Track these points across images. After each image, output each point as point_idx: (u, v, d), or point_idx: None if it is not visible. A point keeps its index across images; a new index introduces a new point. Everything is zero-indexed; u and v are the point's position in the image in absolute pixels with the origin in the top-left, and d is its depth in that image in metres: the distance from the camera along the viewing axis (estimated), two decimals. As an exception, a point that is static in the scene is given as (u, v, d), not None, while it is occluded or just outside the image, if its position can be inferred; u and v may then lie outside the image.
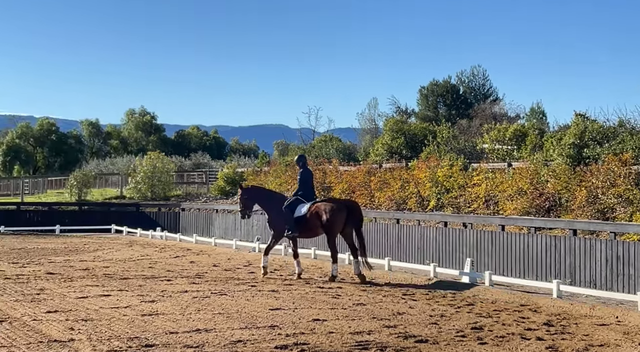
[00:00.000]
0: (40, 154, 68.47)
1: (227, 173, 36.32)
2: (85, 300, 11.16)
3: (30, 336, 8.31)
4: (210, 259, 19.03)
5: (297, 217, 14.80)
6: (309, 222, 14.67)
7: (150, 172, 37.59)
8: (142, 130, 72.13)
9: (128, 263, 17.47)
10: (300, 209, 14.82)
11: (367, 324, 9.47)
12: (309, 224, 14.69)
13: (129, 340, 8.15)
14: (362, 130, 50.98)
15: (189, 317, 9.76)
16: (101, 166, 53.64)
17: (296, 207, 14.92)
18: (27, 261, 17.52)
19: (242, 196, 15.63)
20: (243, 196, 15.62)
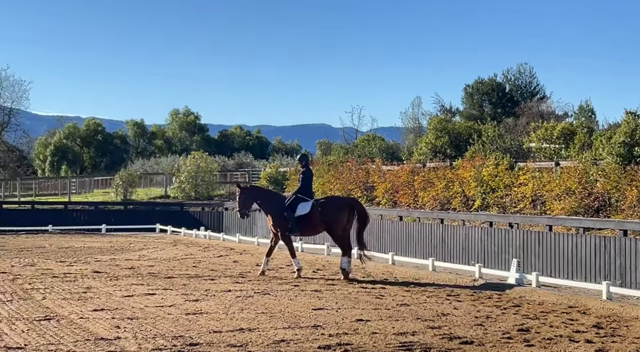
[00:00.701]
0: (86, 154, 69.83)
1: (269, 173, 36.53)
2: (131, 298, 11.35)
3: (77, 333, 8.48)
4: (253, 258, 19.16)
5: (298, 215, 14.96)
6: (312, 221, 14.93)
7: (194, 171, 38.02)
8: (186, 130, 73.02)
9: (172, 262, 17.70)
10: (303, 208, 14.97)
11: (411, 325, 9.42)
12: (312, 222, 14.96)
13: (174, 338, 8.26)
14: (405, 129, 50.76)
15: (233, 316, 9.84)
16: (146, 166, 54.46)
17: (297, 206, 15.04)
18: (74, 260, 17.89)
19: (240, 196, 15.67)
20: (242, 195, 15.65)
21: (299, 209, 14.98)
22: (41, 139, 71.31)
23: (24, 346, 7.74)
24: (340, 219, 14.88)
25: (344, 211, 14.95)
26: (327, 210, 14.90)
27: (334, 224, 14.88)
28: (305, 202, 15.06)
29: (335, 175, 28.01)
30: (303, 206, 15.00)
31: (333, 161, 31.47)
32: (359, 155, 32.80)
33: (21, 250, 20.71)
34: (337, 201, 15.65)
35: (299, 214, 14.96)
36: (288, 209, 15.06)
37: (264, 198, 15.70)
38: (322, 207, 14.93)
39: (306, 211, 14.94)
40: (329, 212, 14.89)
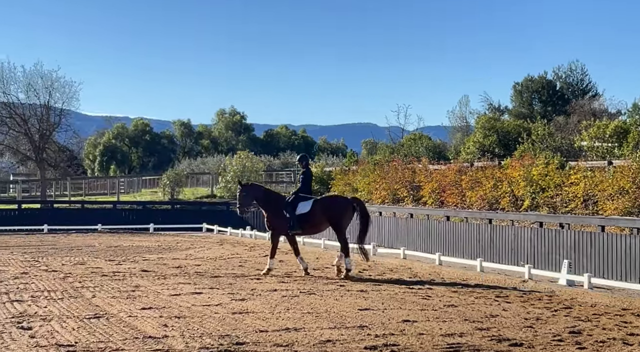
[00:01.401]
0: (134, 154, 71.03)
1: (315, 172, 36.49)
2: (178, 297, 11.50)
3: (126, 332, 8.63)
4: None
5: (299, 214, 15.13)
6: (314, 219, 15.15)
7: (240, 171, 38.35)
8: (232, 130, 73.69)
9: (219, 261, 17.88)
10: (304, 206, 15.16)
11: (458, 326, 9.33)
12: (313, 220, 15.18)
13: (220, 337, 8.34)
14: (452, 128, 50.36)
15: (279, 315, 9.89)
16: (192, 166, 55.13)
17: (298, 205, 15.21)
18: (123, 259, 18.22)
19: (241, 193, 15.78)
20: (242, 192, 15.76)
21: (300, 207, 15.20)
22: (91, 139, 72.82)
23: (74, 343, 7.91)
24: (343, 217, 15.19)
25: (346, 209, 15.25)
26: (329, 208, 15.19)
27: (338, 222, 15.15)
28: (305, 201, 15.29)
29: (381, 174, 27.90)
30: (303, 204, 15.22)
31: (379, 161, 31.37)
32: (405, 155, 32.64)
33: (71, 249, 21.19)
34: (338, 200, 16.04)
35: (299, 213, 15.16)
36: (289, 208, 15.25)
37: (263, 197, 15.83)
38: (323, 205, 15.22)
39: (307, 209, 15.16)
40: (332, 210, 15.16)
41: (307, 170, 15.86)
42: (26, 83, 48.90)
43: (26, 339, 8.09)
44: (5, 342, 7.88)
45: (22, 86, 49.12)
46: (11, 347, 7.68)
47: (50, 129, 49.92)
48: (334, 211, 15.18)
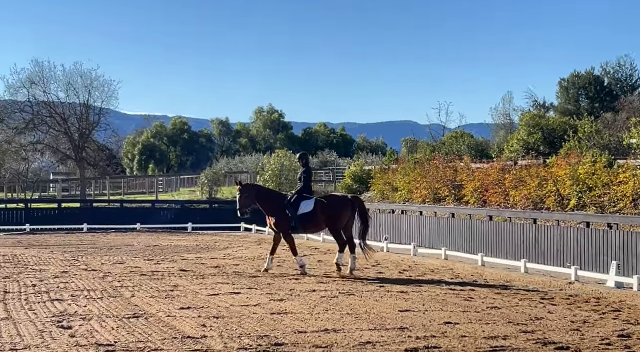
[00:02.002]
0: (173, 153, 71.86)
1: (354, 171, 36.56)
2: (217, 297, 11.60)
3: (165, 332, 8.73)
4: (338, 258, 19.20)
5: (302, 214, 15.26)
6: (316, 218, 15.32)
7: (278, 170, 38.48)
8: (270, 129, 74.04)
9: (257, 261, 17.98)
10: (306, 206, 15.30)
11: (502, 329, 9.23)
12: (315, 219, 15.35)
13: (259, 338, 8.38)
14: (495, 125, 49.87)
15: (318, 317, 9.91)
16: (231, 165, 55.55)
17: (300, 204, 15.33)
18: (162, 258, 18.44)
19: (241, 194, 15.78)
20: (243, 193, 15.78)
21: (302, 207, 15.33)
22: (130, 138, 73.90)
23: (114, 343, 8.04)
24: (343, 216, 15.43)
25: (347, 208, 15.48)
26: (331, 208, 15.36)
27: (337, 221, 15.38)
28: (307, 200, 15.42)
29: (422, 173, 27.75)
30: (306, 204, 15.36)
31: (419, 159, 31.21)
32: (446, 153, 32.42)
33: (111, 248, 21.53)
34: (340, 199, 16.14)
35: (302, 212, 15.29)
36: (291, 208, 15.34)
37: (264, 197, 15.89)
38: (325, 205, 15.37)
39: (310, 208, 15.30)
40: (333, 209, 15.35)
41: (307, 169, 15.99)
42: (66, 82, 49.87)
43: (66, 338, 8.25)
44: (45, 342, 8.04)
45: (62, 85, 50.11)
46: (52, 346, 7.84)
47: (89, 128, 50.79)
48: (333, 210, 15.38)
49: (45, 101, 50.06)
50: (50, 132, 51.09)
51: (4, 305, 10.55)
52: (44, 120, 50.23)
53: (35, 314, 9.83)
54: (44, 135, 51.71)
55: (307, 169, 15.96)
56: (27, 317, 9.54)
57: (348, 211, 15.51)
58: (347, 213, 15.53)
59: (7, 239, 25.82)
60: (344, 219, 15.50)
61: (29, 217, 31.75)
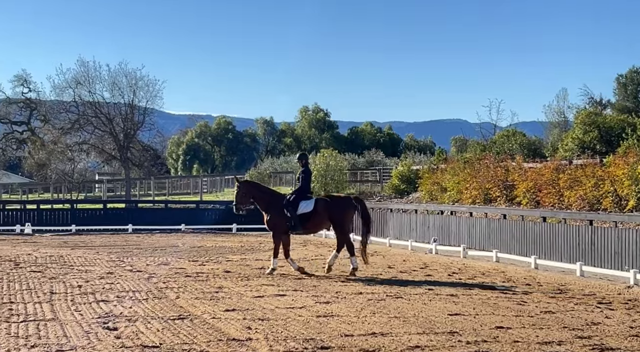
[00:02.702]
0: (217, 153, 72.59)
1: (401, 171, 36.41)
2: (261, 299, 11.66)
3: (210, 333, 8.81)
4: (384, 260, 19.17)
5: (301, 213, 15.41)
6: (316, 218, 15.48)
7: (324, 170, 38.54)
8: (315, 128, 74.20)
9: (302, 263, 17.99)
10: (305, 206, 15.45)
11: (556, 334, 9.08)
12: (315, 219, 15.51)
13: (305, 341, 8.40)
14: (549, 123, 49.11)
15: (364, 320, 9.88)
16: (275, 164, 55.84)
17: (299, 204, 15.47)
18: (206, 259, 18.63)
19: (239, 191, 15.84)
20: (240, 190, 15.83)
21: (302, 206, 15.47)
22: (174, 138, 74.91)
23: (159, 344, 8.14)
24: (347, 217, 15.75)
25: (350, 209, 15.75)
26: (333, 208, 15.55)
27: (342, 222, 15.59)
28: (306, 200, 15.59)
29: (472, 173, 27.49)
30: (305, 203, 15.51)
31: (469, 158, 30.92)
32: (497, 152, 32.04)
33: (155, 249, 21.83)
34: (342, 200, 16.31)
35: (301, 212, 15.43)
36: (290, 207, 15.44)
37: (261, 195, 15.97)
38: (327, 205, 15.57)
39: (309, 208, 15.45)
40: (335, 210, 15.53)
41: (306, 168, 16.16)
42: (111, 82, 50.85)
43: (112, 339, 8.39)
44: (91, 343, 8.19)
45: (107, 85, 51.11)
46: (97, 347, 7.98)
47: (134, 128, 51.66)
48: (336, 210, 15.56)
49: (90, 101, 51.10)
50: (96, 132, 52.11)
51: (50, 305, 10.78)
52: (89, 120, 51.26)
53: (81, 314, 10.02)
54: (89, 135, 52.78)
55: (306, 169, 16.16)
56: (73, 318, 9.73)
57: (352, 210, 15.83)
58: (352, 213, 15.88)
59: (53, 240, 26.40)
60: (349, 218, 15.87)
61: (74, 217, 32.41)
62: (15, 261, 17.68)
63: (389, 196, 36.17)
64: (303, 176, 15.97)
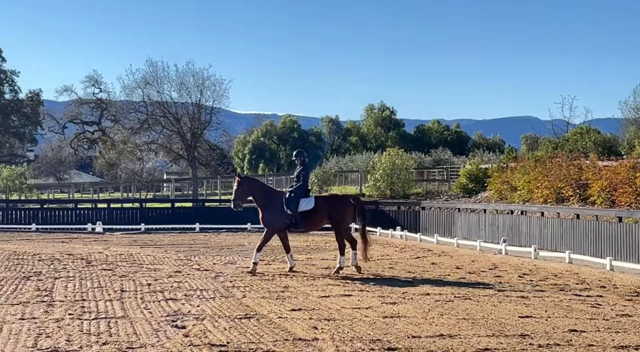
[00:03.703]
0: (283, 152, 73.07)
1: (469, 170, 35.95)
2: (327, 299, 11.70)
3: (276, 333, 8.89)
4: (452, 260, 18.98)
5: (302, 211, 15.53)
6: (316, 216, 15.64)
7: (390, 169, 38.34)
8: (381, 126, 73.92)
9: (368, 263, 17.97)
10: (306, 203, 15.60)
11: (634, 338, 8.81)
12: (315, 217, 15.66)
13: (371, 342, 8.39)
14: (625, 120, 47.65)
15: (432, 321, 9.81)
16: (340, 163, 55.85)
17: (299, 201, 15.59)
18: (272, 259, 18.80)
19: (238, 187, 15.79)
20: (240, 186, 15.79)
21: (302, 204, 15.59)
22: (240, 137, 75.76)
23: (226, 343, 8.26)
24: (347, 215, 15.87)
25: (349, 208, 15.89)
26: (334, 206, 15.77)
27: (340, 220, 15.75)
28: (306, 197, 15.73)
29: (543, 171, 26.95)
30: (305, 201, 15.64)
31: (540, 157, 30.31)
32: (570, 150, 31.33)
33: (222, 248, 22.15)
34: (342, 198, 16.59)
35: (302, 209, 15.56)
36: (292, 205, 15.50)
37: (260, 192, 15.99)
38: (327, 203, 15.85)
39: (310, 206, 15.61)
40: (336, 208, 15.74)
41: (305, 167, 16.24)
42: (178, 82, 51.76)
43: (180, 337, 8.55)
44: (160, 340, 8.37)
45: (175, 85, 52.05)
46: (166, 345, 8.15)
47: (201, 128, 52.50)
48: (336, 208, 15.75)
49: (158, 101, 52.16)
50: (164, 132, 53.15)
51: (120, 303, 11.06)
52: (158, 120, 52.32)
53: (150, 312, 10.24)
54: (158, 135, 53.88)
55: (305, 167, 16.26)
56: (143, 316, 9.96)
57: (351, 209, 15.94)
58: (350, 211, 15.95)
59: (123, 238, 27.08)
60: (348, 217, 15.97)
61: (143, 216, 33.18)
62: (87, 259, 18.22)
63: (457, 195, 35.77)
64: (303, 173, 16.13)
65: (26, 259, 18.10)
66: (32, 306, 10.67)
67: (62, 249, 21.24)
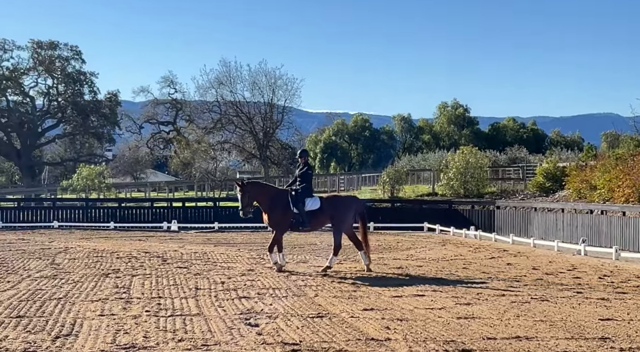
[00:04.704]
0: (354, 151, 73.13)
1: (546, 168, 35.22)
2: (400, 299, 11.64)
3: (349, 332, 8.90)
4: (529, 261, 18.61)
5: (309, 210, 15.58)
6: (321, 216, 15.72)
7: (463, 167, 37.90)
8: (454, 124, 73.18)
9: (441, 263, 17.83)
10: (312, 203, 15.65)
11: None
12: (320, 217, 15.74)
13: (445, 343, 8.31)
14: None
15: (508, 322, 9.65)
16: (413, 162, 55.53)
17: (305, 201, 15.63)
18: (344, 258, 18.81)
19: (243, 194, 15.68)
20: (244, 194, 15.67)
21: (309, 203, 15.65)
22: (311, 136, 76.19)
23: (299, 342, 8.32)
24: (348, 216, 15.93)
25: (351, 209, 16.01)
26: (337, 207, 15.84)
27: (342, 220, 15.79)
28: (310, 197, 15.78)
29: (625, 170, 26.16)
30: (311, 201, 15.70)
31: (622, 155, 29.41)
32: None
33: (294, 247, 22.29)
34: (344, 200, 16.83)
35: (309, 209, 15.60)
36: (300, 204, 15.47)
37: (265, 195, 15.85)
38: (331, 203, 15.95)
39: (317, 206, 15.67)
40: (339, 209, 15.80)
41: (309, 166, 16.23)
42: (251, 81, 52.43)
43: (254, 335, 8.66)
44: (234, 338, 8.50)
45: (248, 85, 52.75)
46: (240, 343, 8.26)
47: (273, 127, 53.05)
48: (341, 209, 15.85)
49: (231, 101, 52.96)
50: (237, 131, 53.96)
51: (195, 301, 11.27)
52: (231, 119, 53.14)
53: (224, 310, 10.41)
54: (231, 134, 54.73)
55: (309, 167, 16.26)
56: (217, 314, 10.12)
57: (353, 210, 16.03)
58: (352, 213, 16.03)
59: (197, 237, 27.60)
60: (349, 218, 15.99)
61: (217, 215, 33.74)
62: (163, 257, 18.64)
63: (533, 195, 35.07)
64: (309, 172, 16.17)
65: (105, 256, 18.65)
66: (110, 303, 10.99)
67: (139, 247, 21.80)
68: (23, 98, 62.71)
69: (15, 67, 60.99)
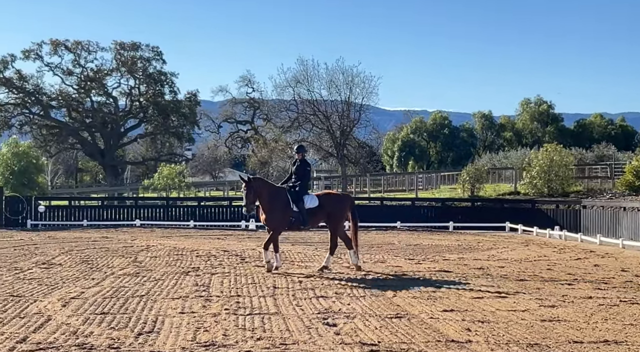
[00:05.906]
0: (433, 149, 72.50)
1: (636, 166, 34.13)
2: (481, 300, 11.46)
3: (428, 334, 8.82)
4: (617, 262, 18.04)
5: (308, 208, 15.41)
6: (319, 214, 15.61)
7: (547, 166, 37.09)
8: (537, 121, 71.68)
9: (524, 264, 17.48)
10: (311, 201, 15.50)
11: None
12: (318, 215, 15.63)
13: (528, 346, 8.14)
14: None
15: (595, 326, 9.38)
16: (494, 160, 54.67)
17: (304, 199, 15.46)
18: (423, 258, 18.68)
19: (249, 190, 15.10)
20: (248, 190, 15.10)
21: (307, 201, 15.48)
22: (389, 134, 75.94)
23: (377, 342, 8.30)
24: (344, 214, 15.97)
25: (346, 207, 15.97)
26: (333, 205, 15.76)
27: (339, 218, 15.87)
28: (308, 195, 15.70)
29: None
30: (309, 198, 15.57)
31: None
32: None
33: (372, 246, 22.27)
34: (341, 197, 16.78)
35: (308, 207, 15.43)
36: (300, 202, 15.33)
37: (267, 192, 15.35)
38: (328, 200, 15.80)
39: (315, 204, 15.50)
40: (336, 207, 15.76)
41: (307, 162, 16.04)
42: (328, 80, 52.56)
43: (331, 335, 8.68)
44: (312, 338, 8.54)
45: (325, 83, 52.91)
46: (318, 342, 8.30)
47: (350, 125, 53.05)
48: (337, 207, 15.81)
49: (308, 99, 53.25)
50: (314, 130, 54.20)
51: (273, 300, 11.38)
52: (308, 118, 53.43)
53: (302, 309, 10.47)
54: (308, 133, 55.01)
55: (307, 163, 16.03)
56: (295, 313, 10.20)
57: (347, 208, 15.99)
58: (347, 211, 15.99)
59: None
60: (344, 216, 16.03)
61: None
62: (241, 255, 18.93)
63: (622, 193, 34.01)
64: (308, 169, 16.02)
65: (185, 255, 19.06)
66: (190, 301, 11.21)
67: (218, 246, 22.19)
68: (106, 98, 64.63)
69: (99, 68, 62.90)
